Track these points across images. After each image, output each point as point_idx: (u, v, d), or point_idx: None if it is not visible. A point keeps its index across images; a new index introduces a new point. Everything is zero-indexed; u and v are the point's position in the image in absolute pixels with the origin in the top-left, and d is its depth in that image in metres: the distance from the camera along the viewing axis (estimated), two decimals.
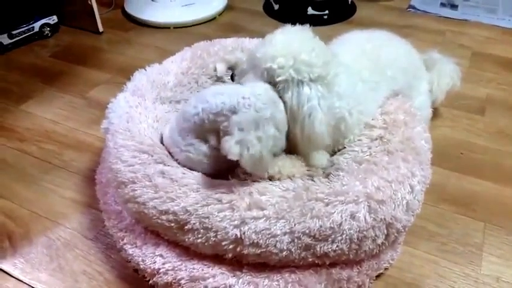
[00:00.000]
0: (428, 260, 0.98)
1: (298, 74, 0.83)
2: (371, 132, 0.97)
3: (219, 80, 1.12)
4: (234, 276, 0.82)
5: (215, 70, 1.08)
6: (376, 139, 0.95)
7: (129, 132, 0.91)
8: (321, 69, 0.85)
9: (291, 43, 0.86)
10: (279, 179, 0.87)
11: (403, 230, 0.86)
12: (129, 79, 1.15)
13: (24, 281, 0.92)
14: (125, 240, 0.91)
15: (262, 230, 0.77)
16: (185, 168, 0.87)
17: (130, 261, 0.90)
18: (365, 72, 0.99)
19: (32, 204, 1.09)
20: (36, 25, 1.81)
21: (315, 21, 1.97)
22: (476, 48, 1.77)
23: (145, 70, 1.12)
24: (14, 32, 1.75)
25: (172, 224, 0.81)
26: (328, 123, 0.85)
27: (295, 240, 0.78)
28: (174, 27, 1.95)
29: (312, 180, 0.88)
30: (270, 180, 0.87)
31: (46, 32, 1.84)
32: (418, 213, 0.89)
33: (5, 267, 0.94)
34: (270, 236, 0.77)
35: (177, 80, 1.08)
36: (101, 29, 1.89)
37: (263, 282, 0.81)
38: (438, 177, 1.17)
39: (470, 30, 1.90)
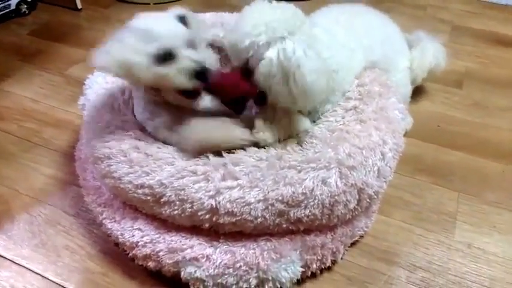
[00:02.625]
0: (403, 228, 1.01)
1: (276, 32, 0.83)
2: (346, 103, 0.98)
3: None
4: (211, 246, 0.84)
5: None
6: (351, 109, 0.96)
7: (104, 108, 0.91)
8: (294, 21, 0.85)
9: (257, 14, 0.85)
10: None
11: (375, 196, 0.88)
12: None
13: (7, 257, 0.93)
14: (104, 215, 0.92)
15: (237, 199, 0.79)
16: (160, 143, 0.88)
17: (110, 236, 0.92)
18: (341, 36, 0.99)
19: (13, 181, 1.10)
20: (13, 2, 1.77)
21: None
22: (457, 22, 1.78)
23: None
24: None
25: (149, 198, 0.82)
26: (320, 72, 0.85)
27: (269, 207, 0.80)
28: (154, 3, 1.92)
29: (285, 149, 0.89)
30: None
31: (23, 10, 1.80)
32: (391, 180, 0.91)
33: None
34: (244, 204, 0.79)
35: None
36: (79, 5, 1.86)
37: (240, 250, 0.83)
38: (416, 149, 1.20)
39: (450, 4, 1.91)
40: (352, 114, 0.95)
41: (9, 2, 1.76)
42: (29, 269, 0.91)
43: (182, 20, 0.85)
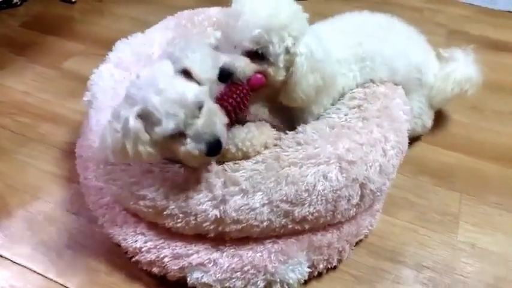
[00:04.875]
0: (408, 229, 1.01)
1: (301, 27, 0.84)
2: (350, 102, 0.97)
3: None
4: (217, 250, 0.83)
5: None
6: (354, 107, 0.96)
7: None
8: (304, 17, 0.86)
9: (273, 7, 0.83)
10: (254, 153, 0.85)
11: (378, 193, 0.88)
12: (105, 50, 1.11)
13: (6, 256, 0.90)
14: (105, 218, 0.90)
15: (241, 206, 0.78)
16: None
17: (111, 239, 0.89)
18: (338, 50, 0.97)
19: (8, 177, 1.06)
20: None
21: None
22: (452, 26, 1.80)
23: (128, 40, 1.08)
24: None
25: (151, 210, 0.80)
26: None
27: (274, 209, 0.79)
28: None
29: (280, 147, 0.86)
30: (245, 158, 0.84)
31: (15, 1, 1.75)
32: (395, 181, 0.92)
33: None
34: (249, 210, 0.78)
35: (161, 50, 1.05)
36: None
37: (247, 254, 0.82)
38: (416, 151, 1.21)
39: (447, 8, 1.93)
40: (355, 112, 0.95)
41: None
42: (30, 269, 0.88)
43: (186, 74, 0.74)
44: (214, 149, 0.72)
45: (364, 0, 1.89)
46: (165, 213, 0.79)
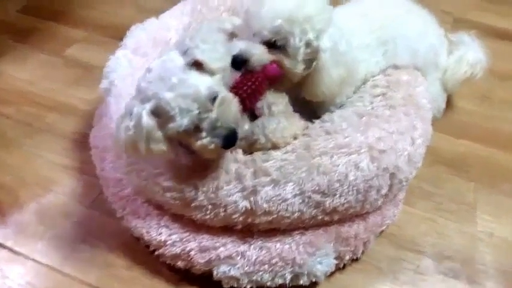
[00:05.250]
0: (426, 218, 1.01)
1: (325, 21, 0.82)
2: (373, 90, 0.96)
3: None
4: (245, 242, 0.81)
5: None
6: (379, 95, 0.94)
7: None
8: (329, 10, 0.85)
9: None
10: (284, 144, 0.83)
11: (405, 183, 0.87)
12: (108, 36, 1.08)
13: (21, 252, 0.87)
14: (126, 210, 0.87)
15: (273, 197, 0.76)
16: None
17: (132, 231, 0.86)
18: (360, 34, 0.96)
19: (17, 169, 1.02)
20: None
21: None
22: (457, 14, 1.79)
23: (143, 25, 1.04)
24: None
25: (178, 202, 0.78)
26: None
27: (306, 200, 0.77)
28: None
29: (309, 137, 0.84)
30: (274, 148, 0.82)
31: None
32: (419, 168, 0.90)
33: None
34: (281, 201, 0.76)
35: (178, 36, 1.01)
36: None
37: (275, 246, 0.81)
38: (431, 139, 1.20)
39: None
40: (380, 100, 0.93)
41: None
42: (46, 265, 0.85)
43: (198, 65, 0.71)
44: (231, 141, 0.71)
45: None
46: (193, 204, 0.77)
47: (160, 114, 0.68)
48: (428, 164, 1.12)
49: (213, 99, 0.69)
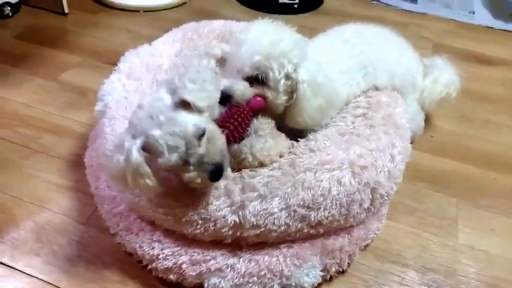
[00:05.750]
0: (410, 233, 1.05)
1: (301, 54, 0.88)
2: (355, 111, 1.02)
3: None
4: (234, 256, 0.84)
5: None
6: (360, 116, 1.00)
7: (127, 120, 0.89)
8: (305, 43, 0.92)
9: (273, 35, 0.88)
10: (270, 162, 0.87)
11: (386, 198, 0.92)
12: (102, 62, 1.12)
13: (17, 268, 0.88)
14: (120, 226, 0.90)
15: (260, 212, 0.80)
16: None
17: (125, 247, 0.89)
18: (342, 60, 1.03)
19: (14, 189, 1.04)
20: None
21: (285, 10, 2.01)
22: (437, 40, 1.89)
23: (137, 51, 1.09)
24: None
25: (169, 217, 0.81)
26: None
27: (292, 214, 0.81)
28: (144, 11, 1.90)
29: (295, 154, 0.89)
30: (261, 166, 0.87)
31: (7, 12, 1.73)
32: (399, 185, 0.95)
33: None
34: (268, 215, 0.80)
35: (171, 62, 1.06)
36: (66, 10, 1.80)
37: (263, 258, 0.84)
38: (412, 158, 1.24)
39: (430, 23, 2.03)
40: (361, 120, 0.99)
41: None
42: (42, 280, 0.87)
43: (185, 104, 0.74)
44: (217, 175, 0.75)
45: (351, 15, 1.97)
46: (184, 219, 0.80)
47: (149, 150, 0.72)
48: (410, 180, 1.18)
49: (200, 135, 0.73)
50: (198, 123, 0.73)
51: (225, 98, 0.83)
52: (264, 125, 0.90)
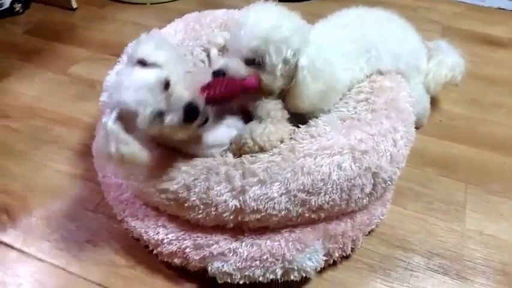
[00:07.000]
0: (416, 218, 1.05)
1: (302, 39, 0.87)
2: (357, 96, 1.00)
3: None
4: (237, 240, 0.85)
5: (208, 55, 1.12)
6: (362, 101, 0.98)
7: None
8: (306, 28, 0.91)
9: (276, 18, 0.87)
10: (270, 148, 0.88)
11: (389, 182, 0.91)
12: (111, 55, 1.14)
13: (29, 252, 0.91)
14: (126, 213, 0.92)
15: (260, 196, 0.80)
16: None
17: (132, 232, 0.91)
18: (343, 45, 1.01)
19: (26, 178, 1.08)
20: (6, 1, 1.73)
21: None
22: (446, 23, 1.85)
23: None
24: None
25: (172, 203, 0.83)
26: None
27: (292, 199, 0.82)
28: (151, 3, 1.92)
29: (295, 140, 0.89)
30: (261, 151, 0.87)
31: (17, 9, 1.77)
32: (402, 173, 0.93)
33: (6, 239, 0.93)
34: (268, 200, 0.81)
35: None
36: (74, 5, 1.83)
37: (265, 243, 0.85)
38: (420, 143, 1.24)
39: (439, 6, 1.98)
40: (363, 105, 0.97)
41: (3, 1, 1.72)
42: (52, 264, 0.90)
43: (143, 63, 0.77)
44: (191, 113, 0.75)
45: (358, 0, 1.94)
46: (186, 205, 0.81)
47: (126, 117, 0.73)
48: (418, 166, 1.17)
49: (166, 84, 0.75)
50: (158, 74, 0.75)
51: (221, 74, 0.84)
52: (275, 106, 0.90)
